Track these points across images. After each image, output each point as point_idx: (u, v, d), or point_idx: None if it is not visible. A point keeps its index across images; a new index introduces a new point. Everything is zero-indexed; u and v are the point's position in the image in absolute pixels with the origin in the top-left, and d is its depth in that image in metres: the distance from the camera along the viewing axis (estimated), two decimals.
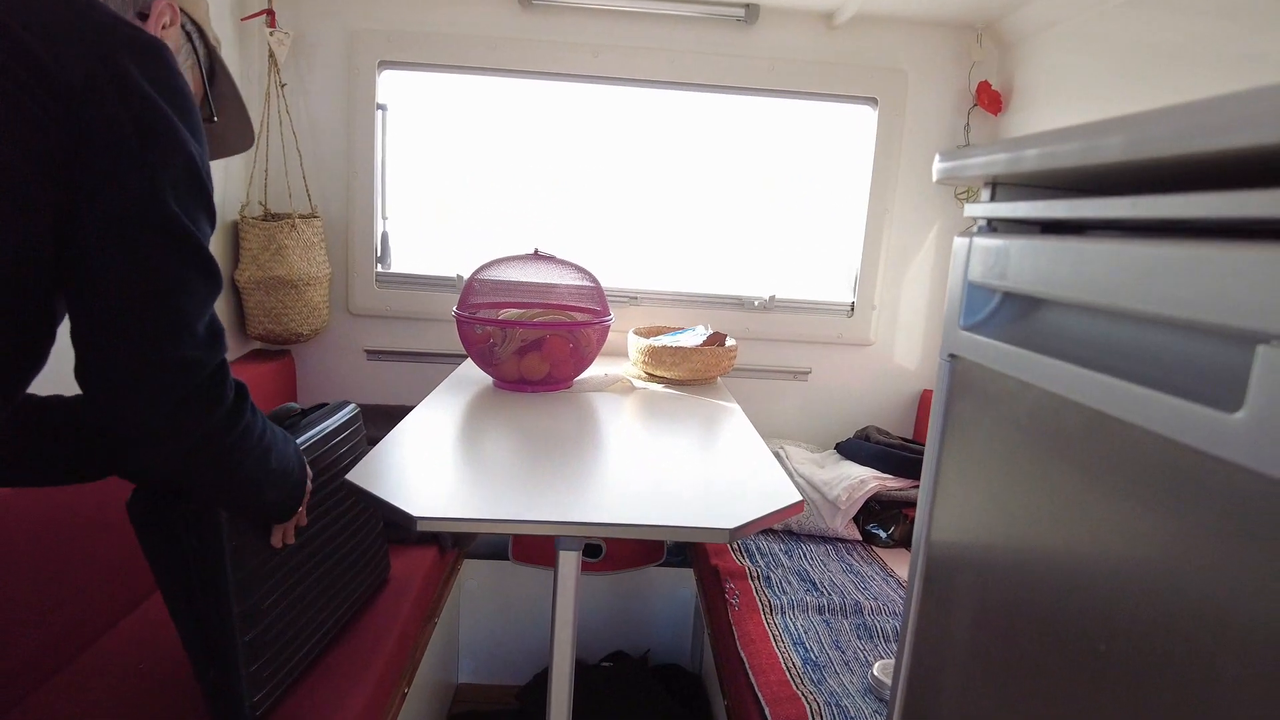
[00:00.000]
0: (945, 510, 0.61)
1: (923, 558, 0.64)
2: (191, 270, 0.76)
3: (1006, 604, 0.52)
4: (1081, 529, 0.44)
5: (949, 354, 0.58)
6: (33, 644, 1.16)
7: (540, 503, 1.02)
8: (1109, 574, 0.40)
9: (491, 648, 2.14)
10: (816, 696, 1.22)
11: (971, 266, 0.55)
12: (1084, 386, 0.43)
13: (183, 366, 0.75)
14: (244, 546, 1.07)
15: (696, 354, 1.75)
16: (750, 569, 1.64)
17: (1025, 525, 0.50)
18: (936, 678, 0.63)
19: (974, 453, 0.57)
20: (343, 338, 2.11)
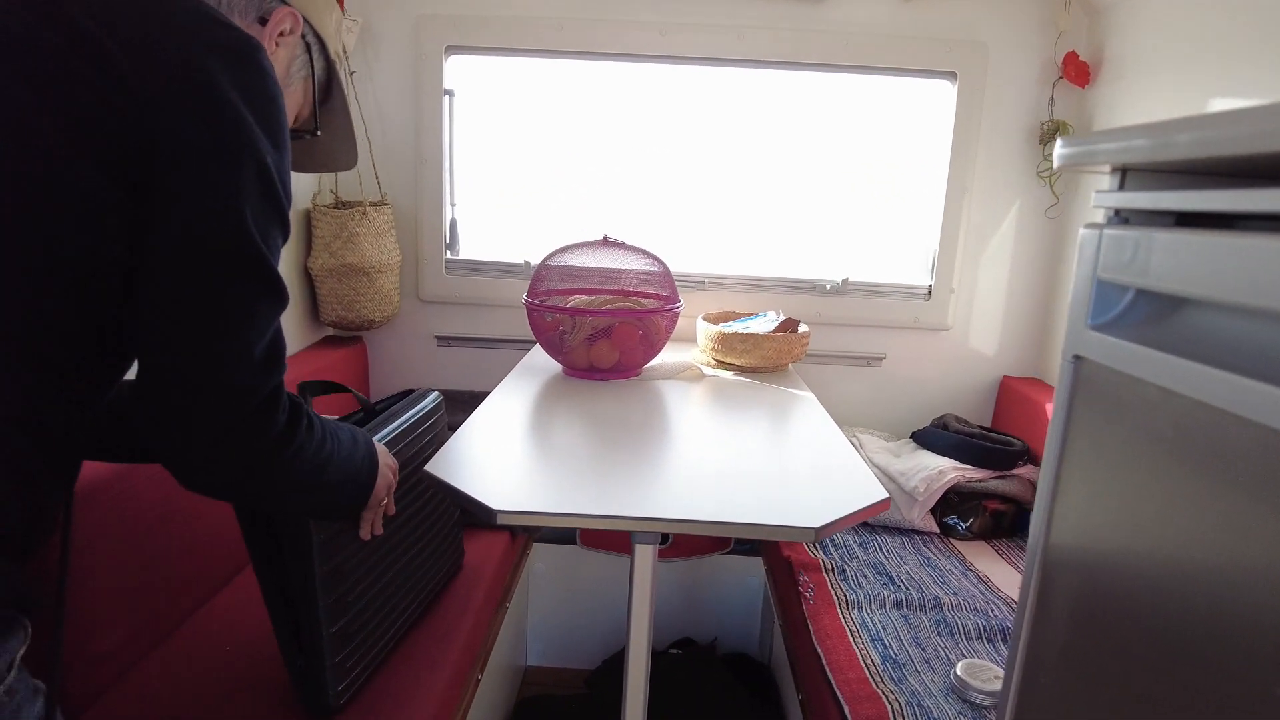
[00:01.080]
0: (1065, 519, 0.57)
1: (1039, 567, 0.60)
2: (257, 294, 0.74)
3: (1133, 625, 0.48)
4: (1228, 551, 0.40)
5: (1074, 355, 0.54)
6: (128, 625, 1.20)
7: (615, 495, 1.01)
8: (1259, 603, 0.36)
9: (559, 631, 2.15)
10: (898, 696, 1.18)
11: (1102, 261, 0.51)
12: (1245, 398, 0.38)
13: (233, 395, 0.73)
14: (332, 540, 1.08)
15: (768, 341, 1.72)
16: (825, 561, 1.61)
17: (1161, 542, 0.46)
18: (1047, 694, 0.60)
19: (1101, 461, 0.52)
20: (414, 324, 2.13)
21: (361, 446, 0.99)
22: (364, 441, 1.00)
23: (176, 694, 1.15)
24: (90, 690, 1.13)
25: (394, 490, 1.12)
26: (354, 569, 1.14)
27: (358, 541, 1.14)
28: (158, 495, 1.27)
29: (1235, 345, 0.42)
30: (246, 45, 0.73)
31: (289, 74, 0.91)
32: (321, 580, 1.07)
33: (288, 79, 0.92)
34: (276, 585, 1.08)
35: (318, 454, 0.85)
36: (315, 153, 1.06)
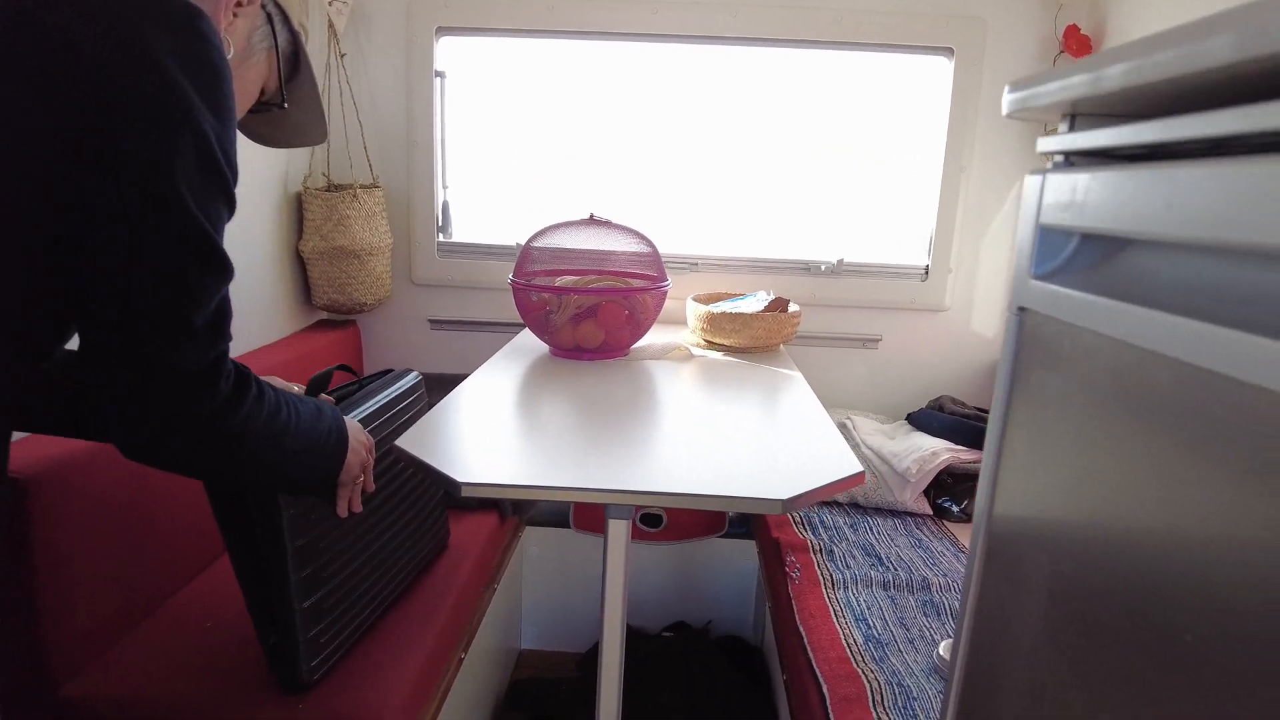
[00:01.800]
0: (1012, 481, 0.55)
1: (984, 533, 0.58)
2: (195, 267, 0.72)
3: (1079, 583, 0.46)
4: (1168, 501, 0.38)
5: (1018, 307, 0.52)
6: (107, 606, 1.20)
7: (591, 470, 0.99)
8: (1200, 553, 0.35)
9: (553, 614, 2.15)
10: (877, 675, 1.17)
11: (1045, 207, 0.49)
12: (1173, 337, 0.36)
13: (172, 366, 0.72)
14: (304, 516, 1.08)
15: (757, 320, 1.70)
16: (813, 542, 1.59)
17: (1103, 497, 0.44)
18: (998, 660, 0.58)
19: (1045, 417, 0.51)
20: (406, 307, 2.13)
21: (327, 420, 0.98)
22: (330, 415, 0.99)
23: (154, 670, 1.15)
24: (69, 666, 1.13)
25: (370, 468, 1.11)
26: (329, 545, 1.14)
27: (333, 518, 1.13)
28: (137, 473, 1.27)
29: (1173, 286, 0.40)
30: (185, 11, 0.72)
31: (250, 45, 0.90)
32: (294, 556, 1.06)
33: (249, 50, 0.90)
34: (248, 561, 1.08)
35: (270, 424, 0.84)
36: (284, 127, 1.05)
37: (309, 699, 1.11)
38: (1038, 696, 0.50)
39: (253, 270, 1.76)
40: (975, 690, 0.62)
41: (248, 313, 1.74)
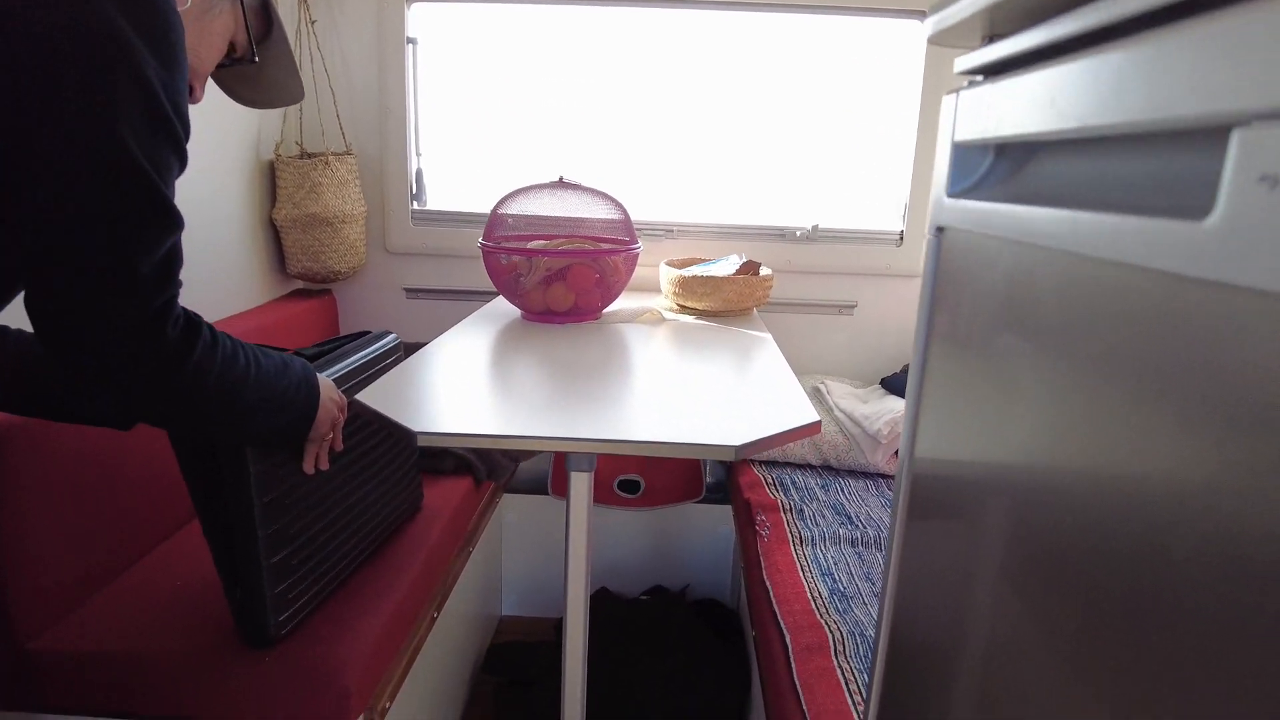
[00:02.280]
0: (931, 419, 0.56)
1: (906, 477, 0.59)
2: (139, 212, 0.72)
3: (994, 521, 0.47)
4: (1098, 429, 0.37)
5: (936, 227, 0.53)
6: (76, 565, 1.21)
7: (552, 422, 1.00)
8: (1094, 470, 0.35)
9: (533, 581, 2.17)
10: (840, 626, 1.18)
11: (959, 124, 0.49)
12: (1050, 227, 0.37)
13: (118, 312, 0.72)
14: (271, 471, 1.08)
15: (729, 284, 1.70)
16: (784, 502, 1.60)
17: (1028, 428, 0.43)
18: (923, 615, 0.58)
19: (957, 341, 0.51)
20: (381, 276, 2.12)
21: (295, 373, 0.98)
22: (299, 369, 0.99)
23: (122, 627, 1.16)
24: (36, 623, 1.14)
25: (340, 426, 1.12)
26: (296, 502, 1.14)
27: (300, 475, 1.14)
28: (105, 434, 1.28)
29: (1070, 188, 0.41)
30: None
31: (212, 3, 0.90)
32: (260, 512, 1.07)
33: (209, 2, 0.90)
34: (215, 515, 1.09)
35: (227, 373, 0.84)
36: (261, 86, 1.05)
37: (275, 653, 1.12)
38: (965, 649, 0.50)
39: (226, 239, 1.75)
40: (901, 649, 0.62)
41: (221, 281, 1.74)
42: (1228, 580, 0.27)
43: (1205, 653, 0.28)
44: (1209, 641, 0.28)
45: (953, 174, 0.50)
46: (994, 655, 0.47)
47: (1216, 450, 0.28)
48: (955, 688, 0.52)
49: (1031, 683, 0.41)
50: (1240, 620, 0.26)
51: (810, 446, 1.79)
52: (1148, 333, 0.32)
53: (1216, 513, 0.28)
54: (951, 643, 0.53)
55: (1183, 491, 0.29)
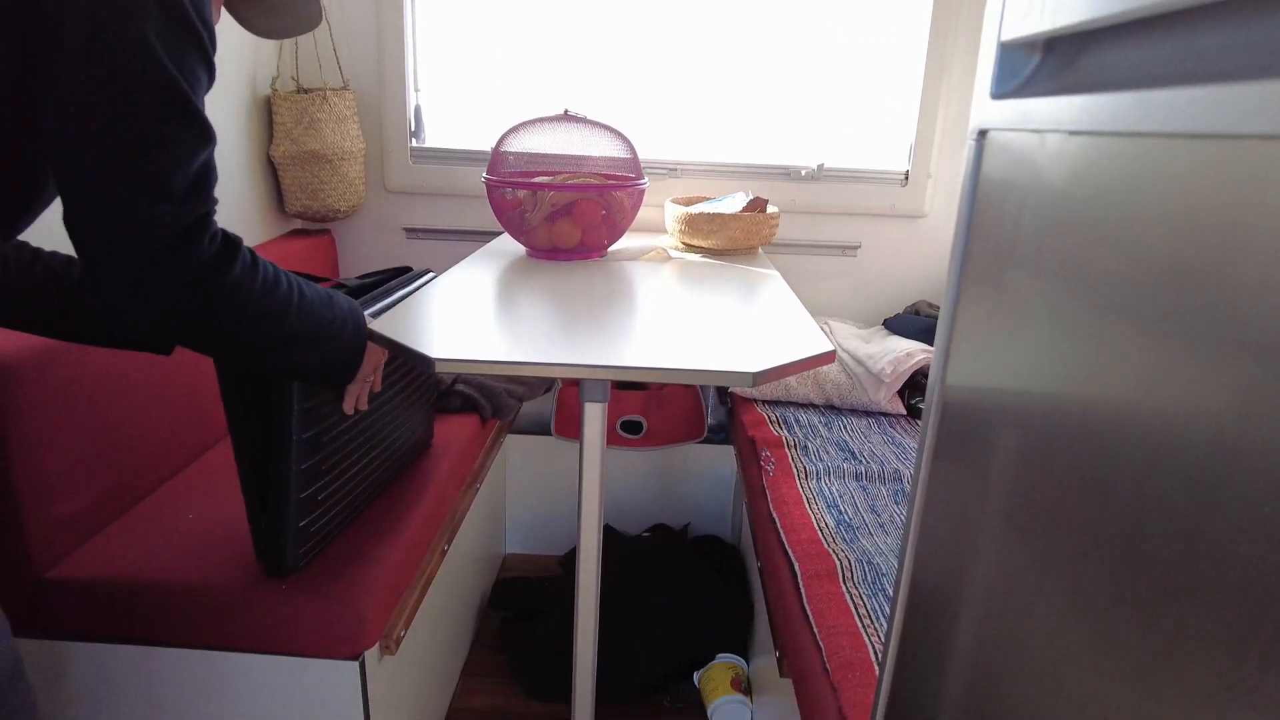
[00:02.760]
0: (966, 342, 0.56)
1: (937, 403, 0.59)
2: (170, 120, 0.71)
3: (1041, 457, 0.45)
4: (1146, 364, 0.37)
5: (977, 131, 0.52)
6: (91, 495, 1.21)
7: (564, 351, 1.00)
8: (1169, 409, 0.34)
9: (536, 520, 2.20)
10: (848, 554, 1.21)
11: (1005, 23, 0.48)
12: (1118, 111, 0.36)
13: (151, 224, 0.71)
14: (314, 410, 1.08)
15: (735, 221, 1.69)
16: (788, 439, 1.62)
17: (1069, 356, 0.42)
18: (949, 548, 0.59)
19: (997, 255, 0.51)
20: (381, 216, 2.10)
21: (341, 308, 0.96)
22: (345, 304, 0.97)
23: (138, 556, 1.17)
24: (52, 553, 1.15)
25: (381, 368, 1.11)
26: (331, 440, 1.15)
27: (338, 413, 1.14)
28: (121, 364, 1.27)
29: (1139, 75, 0.40)
30: None
31: None
32: (298, 447, 1.07)
33: None
34: (250, 446, 1.09)
35: (268, 297, 0.83)
36: (277, 11, 1.01)
37: (292, 582, 1.13)
38: (992, 578, 0.51)
39: (223, 176, 1.71)
40: (927, 572, 0.63)
41: (222, 219, 1.71)
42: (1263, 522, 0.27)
43: (1227, 575, 0.28)
44: (1229, 566, 0.28)
45: (998, 74, 0.49)
46: (1013, 587, 0.47)
47: None
48: (972, 619, 0.53)
49: (1050, 618, 0.42)
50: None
51: (814, 386, 1.80)
52: (1214, 241, 0.31)
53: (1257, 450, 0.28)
54: (972, 573, 0.53)
55: (1219, 428, 0.29)
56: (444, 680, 1.65)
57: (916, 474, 0.65)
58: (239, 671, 1.13)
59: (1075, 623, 0.39)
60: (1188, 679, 0.31)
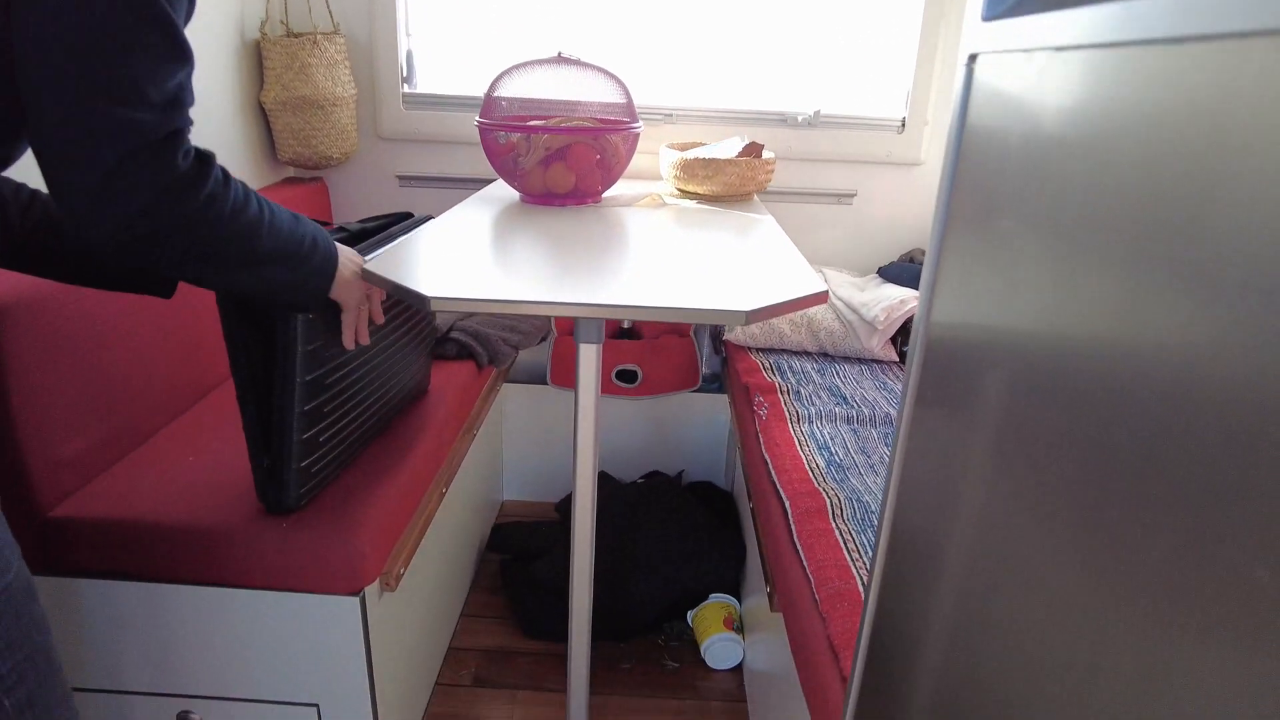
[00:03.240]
0: (952, 277, 0.56)
1: (922, 343, 0.60)
2: (150, 30, 0.70)
3: (1027, 396, 0.46)
4: (1102, 268, 0.38)
5: (969, 55, 0.52)
6: (93, 435, 1.23)
7: (558, 290, 1.01)
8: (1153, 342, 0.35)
9: (533, 467, 2.23)
10: (838, 492, 1.23)
11: None
12: (1106, 21, 0.37)
13: (124, 127, 0.70)
14: (319, 352, 1.09)
15: (730, 166, 1.68)
16: (780, 384, 1.64)
17: (1061, 289, 0.42)
18: (933, 479, 0.60)
19: (988, 189, 0.51)
20: (374, 163, 2.08)
21: (308, 228, 0.96)
22: (311, 226, 0.97)
23: (141, 495, 1.19)
24: (57, 492, 1.17)
25: (376, 297, 1.11)
26: (335, 383, 1.16)
27: (341, 354, 1.15)
28: (123, 305, 1.28)
29: None
30: None
31: None
32: (301, 390, 1.08)
33: None
34: (252, 388, 1.10)
35: (241, 214, 0.83)
36: None
37: (293, 520, 1.16)
38: (976, 505, 0.51)
39: (212, 121, 1.70)
40: (911, 502, 0.64)
41: None
42: (1227, 444, 0.28)
43: (1206, 509, 0.29)
44: (1209, 501, 0.29)
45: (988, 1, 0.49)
46: (995, 522, 0.48)
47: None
48: (956, 549, 0.54)
49: (1032, 552, 0.43)
50: (1242, 485, 0.27)
51: (807, 334, 1.82)
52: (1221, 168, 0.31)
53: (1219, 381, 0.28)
54: (956, 502, 0.55)
55: (1193, 360, 0.30)
56: (444, 620, 1.69)
57: (902, 405, 0.67)
58: (243, 607, 1.16)
59: (1055, 548, 0.41)
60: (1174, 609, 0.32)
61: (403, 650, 1.38)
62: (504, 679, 1.64)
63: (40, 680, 0.72)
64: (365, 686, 1.21)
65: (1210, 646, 0.28)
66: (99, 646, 1.19)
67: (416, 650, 1.48)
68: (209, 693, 1.21)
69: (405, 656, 1.40)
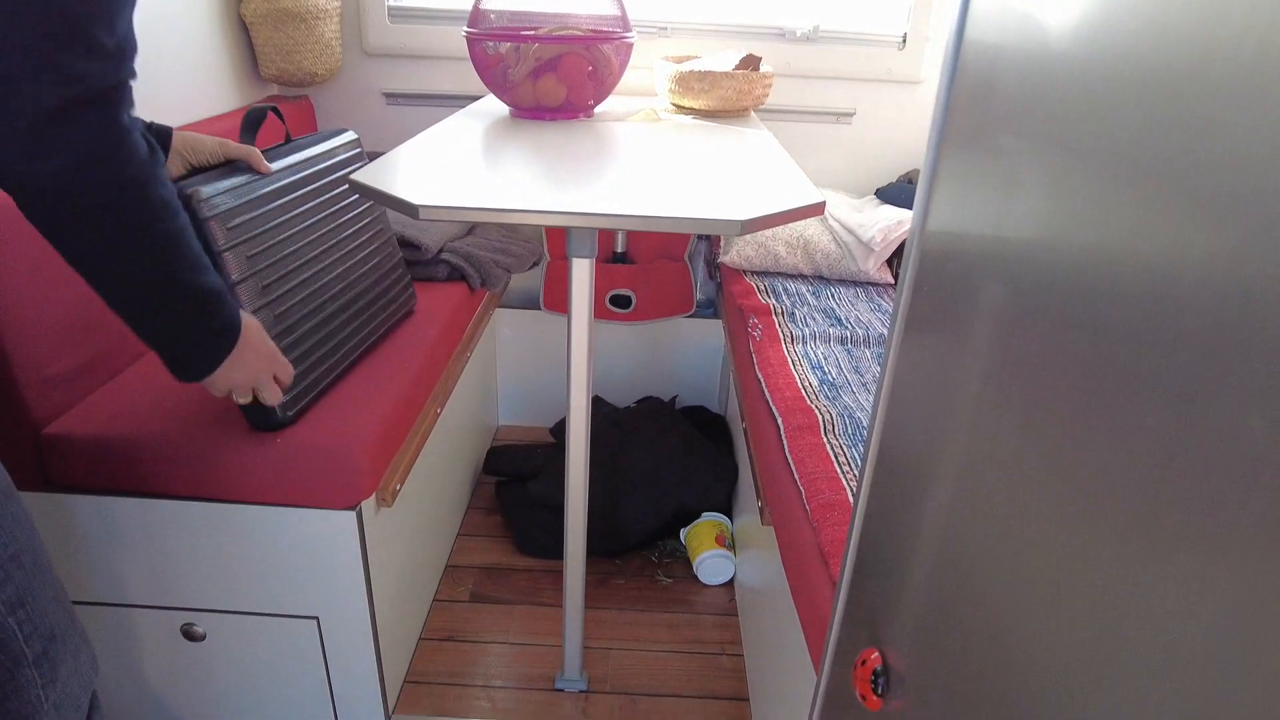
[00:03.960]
0: (949, 184, 0.54)
1: (915, 256, 0.58)
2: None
3: (1025, 312, 0.45)
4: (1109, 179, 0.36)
5: None
6: (85, 352, 1.22)
7: (550, 199, 0.99)
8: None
9: (527, 392, 2.23)
10: (830, 409, 1.23)
11: None
12: None
13: (69, 74, 0.66)
14: (236, 252, 1.08)
15: (727, 79, 1.63)
16: (775, 306, 1.63)
17: (1048, 201, 0.41)
18: (923, 399, 0.59)
19: (990, 104, 0.49)
20: (359, 80, 2.02)
21: (221, 287, 0.88)
22: (222, 287, 0.89)
23: (135, 413, 1.19)
24: (50, 409, 1.16)
25: (269, 381, 1.03)
26: (275, 284, 1.15)
27: (277, 259, 1.14)
28: None
29: None
30: None
31: None
32: (244, 294, 1.08)
33: None
34: None
35: (168, 212, 0.78)
36: None
37: (286, 436, 1.16)
38: (967, 429, 0.51)
39: (191, 35, 1.64)
40: (899, 421, 0.64)
41: (190, 82, 1.64)
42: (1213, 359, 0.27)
43: (1190, 430, 0.29)
44: (1194, 413, 0.29)
45: None
46: (983, 431, 0.48)
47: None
48: (944, 463, 0.54)
49: (1019, 461, 0.43)
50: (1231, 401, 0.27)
51: (803, 256, 1.80)
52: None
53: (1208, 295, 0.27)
54: (945, 418, 0.54)
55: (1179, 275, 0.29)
56: (441, 538, 1.72)
57: (895, 313, 0.66)
58: (240, 522, 1.17)
59: (1041, 456, 0.40)
60: (1153, 517, 0.32)
61: (400, 565, 1.41)
62: (501, 595, 1.68)
63: (29, 580, 0.72)
64: (364, 600, 1.23)
65: (1184, 552, 0.29)
66: (100, 561, 1.20)
67: (414, 566, 1.51)
68: (211, 606, 1.23)
69: (403, 572, 1.43)
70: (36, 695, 0.81)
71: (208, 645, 1.26)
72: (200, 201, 1.03)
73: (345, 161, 1.36)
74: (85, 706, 0.91)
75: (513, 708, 1.41)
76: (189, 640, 1.25)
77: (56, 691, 0.85)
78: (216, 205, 1.05)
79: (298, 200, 1.22)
